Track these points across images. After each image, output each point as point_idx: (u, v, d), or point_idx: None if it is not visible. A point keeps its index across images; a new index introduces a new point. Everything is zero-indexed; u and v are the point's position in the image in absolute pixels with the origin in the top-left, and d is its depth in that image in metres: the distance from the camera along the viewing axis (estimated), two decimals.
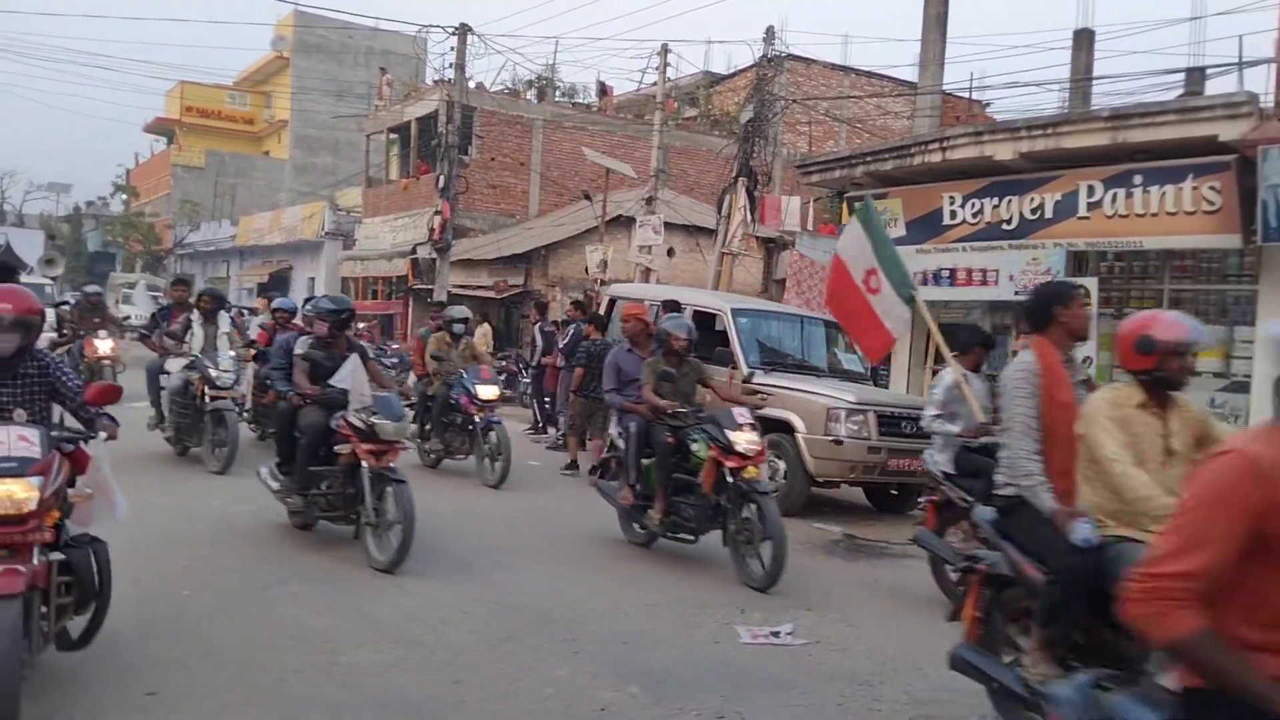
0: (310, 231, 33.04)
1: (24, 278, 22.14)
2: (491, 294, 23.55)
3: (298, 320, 10.92)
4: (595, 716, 4.17)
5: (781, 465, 9.42)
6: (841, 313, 8.79)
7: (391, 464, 6.29)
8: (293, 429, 6.83)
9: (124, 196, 53.75)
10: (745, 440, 6.61)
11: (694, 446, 6.89)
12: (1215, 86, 16.26)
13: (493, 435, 9.75)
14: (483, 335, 19.21)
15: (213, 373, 9.43)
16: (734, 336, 10.24)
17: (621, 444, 7.36)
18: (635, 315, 8.26)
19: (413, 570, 6.24)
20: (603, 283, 18.59)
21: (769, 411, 9.66)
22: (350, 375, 6.37)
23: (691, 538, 7.07)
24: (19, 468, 3.70)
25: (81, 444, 4.20)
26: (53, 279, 24.22)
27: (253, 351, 10.97)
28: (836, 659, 5.19)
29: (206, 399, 9.42)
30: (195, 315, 10.05)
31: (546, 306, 16.34)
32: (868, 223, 8.31)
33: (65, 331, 13.29)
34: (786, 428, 9.43)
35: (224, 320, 10.28)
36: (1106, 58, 62.92)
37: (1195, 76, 16.30)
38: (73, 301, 16.24)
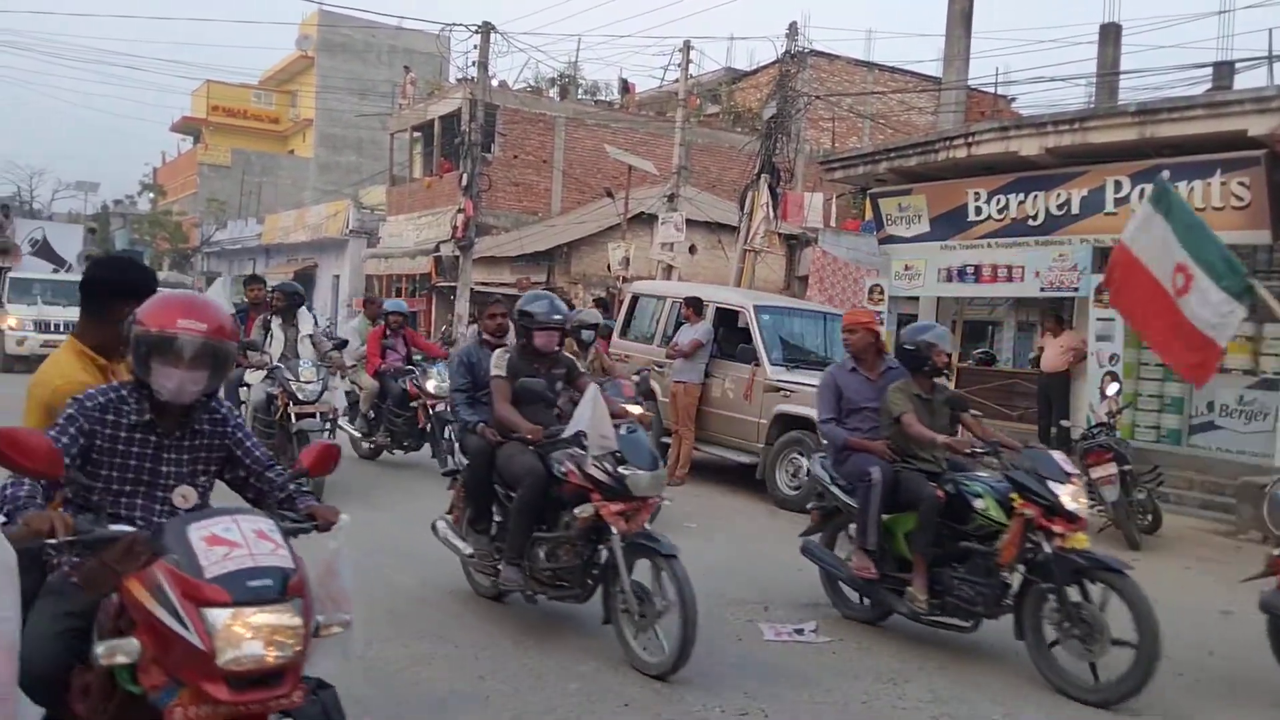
0: (335, 229, 33.27)
1: (61, 275, 21.00)
2: (514, 291, 23.61)
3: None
4: (619, 711, 4.19)
5: (805, 462, 9.41)
6: (1147, 328, 7.01)
7: (647, 527, 4.88)
8: (490, 474, 5.32)
9: (151, 195, 54.33)
10: (1076, 497, 4.95)
11: (978, 504, 5.17)
12: (1244, 81, 16.14)
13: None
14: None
15: (293, 385, 8.17)
16: (756, 334, 10.23)
17: (845, 497, 5.70)
18: (863, 324, 6.07)
19: (436, 565, 6.27)
20: (625, 280, 18.62)
21: (792, 408, 9.65)
22: (590, 413, 4.86)
23: (968, 624, 5.31)
24: (275, 587, 2.29)
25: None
26: None
27: (349, 358, 9.75)
28: (860, 657, 5.18)
29: (291, 417, 8.20)
30: (273, 317, 8.88)
31: (570, 305, 16.37)
32: (1167, 205, 6.62)
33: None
34: (810, 424, 9.40)
35: (305, 320, 9.03)
36: (1133, 52, 62.25)
37: (1223, 71, 16.14)
38: None
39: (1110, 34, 18.44)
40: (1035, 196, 11.99)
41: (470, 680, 4.43)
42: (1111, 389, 10.58)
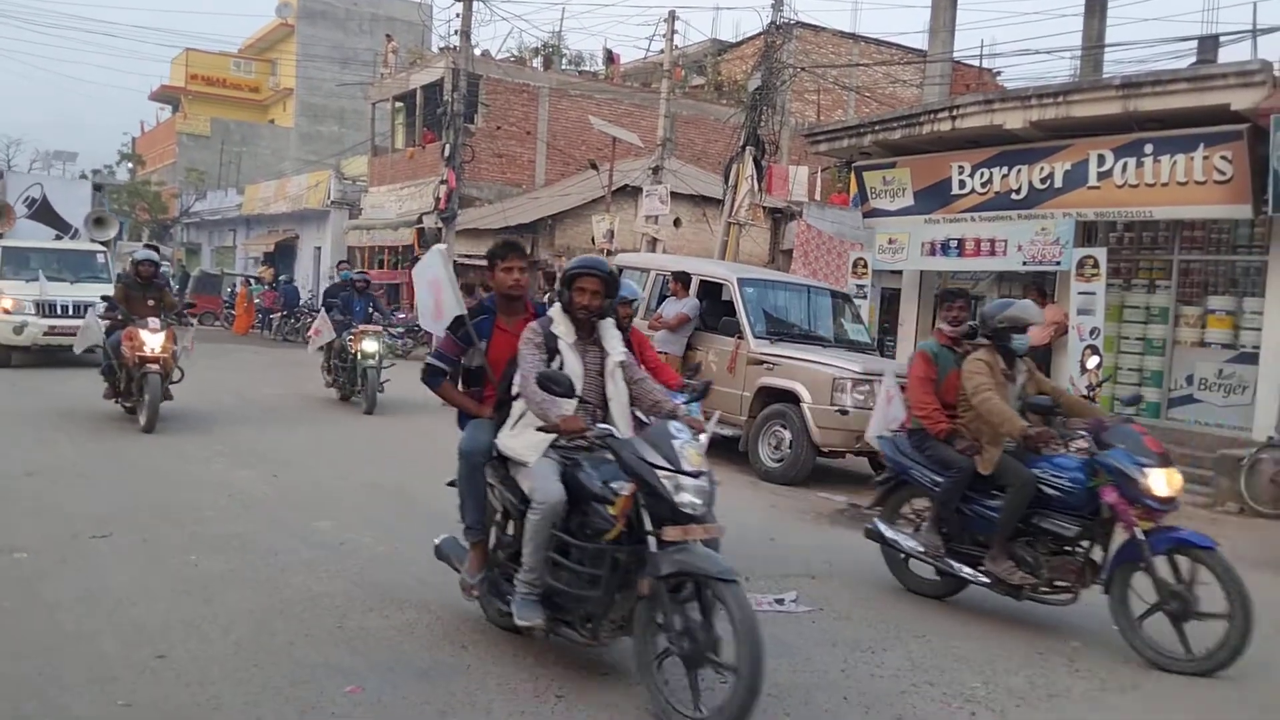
0: (316, 200, 32.97)
1: (66, 243, 17.38)
2: None
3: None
4: (600, 680, 4.21)
5: (787, 435, 9.45)
6: None
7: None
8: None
9: (130, 165, 53.67)
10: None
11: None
12: (1228, 54, 16.14)
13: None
14: None
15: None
16: (740, 306, 10.23)
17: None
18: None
19: (422, 536, 6.28)
20: (609, 252, 18.56)
21: (775, 381, 9.67)
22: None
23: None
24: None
25: None
26: (104, 244, 17.56)
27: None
28: (840, 626, 5.22)
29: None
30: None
31: (555, 277, 16.32)
32: None
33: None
34: (792, 398, 9.44)
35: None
36: (1119, 25, 62.25)
37: (1208, 44, 16.13)
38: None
39: (1096, 7, 18.38)
40: (1019, 170, 12.01)
41: (453, 650, 4.44)
42: (1092, 362, 10.67)
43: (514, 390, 4.28)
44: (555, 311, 4.38)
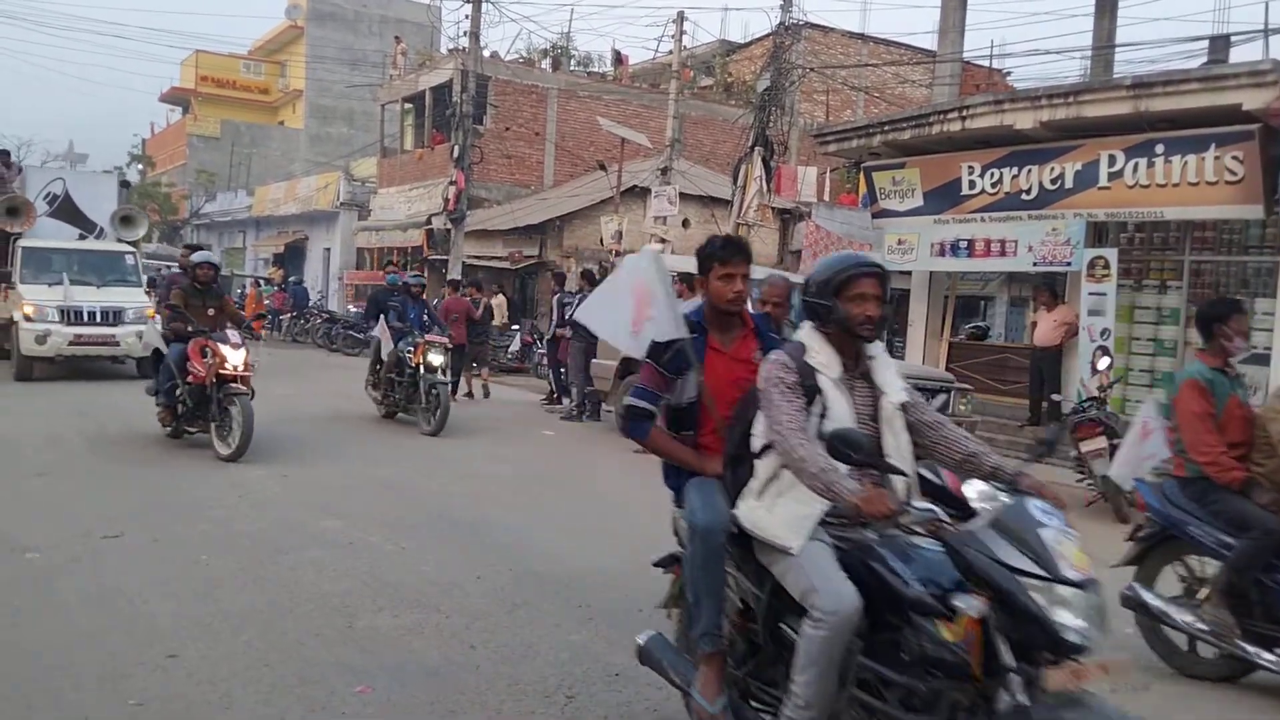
0: (325, 202, 33.06)
1: (91, 243, 15.68)
2: (506, 265, 23.55)
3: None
4: (610, 681, 4.21)
5: None
6: None
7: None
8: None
9: (140, 166, 53.89)
10: None
11: None
12: (1240, 54, 16.07)
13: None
14: (498, 306, 19.28)
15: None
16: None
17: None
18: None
19: (429, 536, 6.30)
20: (617, 253, 18.57)
21: None
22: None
23: None
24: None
25: None
26: (133, 244, 15.86)
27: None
28: None
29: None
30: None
31: (564, 278, 16.32)
32: None
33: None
34: None
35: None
36: (1129, 25, 62.02)
37: (1219, 44, 16.08)
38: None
39: (1106, 7, 18.33)
40: (1029, 170, 11.96)
41: (462, 649, 4.44)
42: (1103, 363, 10.61)
43: (756, 444, 3.15)
44: (808, 334, 3.15)
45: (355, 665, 4.17)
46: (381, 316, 11.63)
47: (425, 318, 11.80)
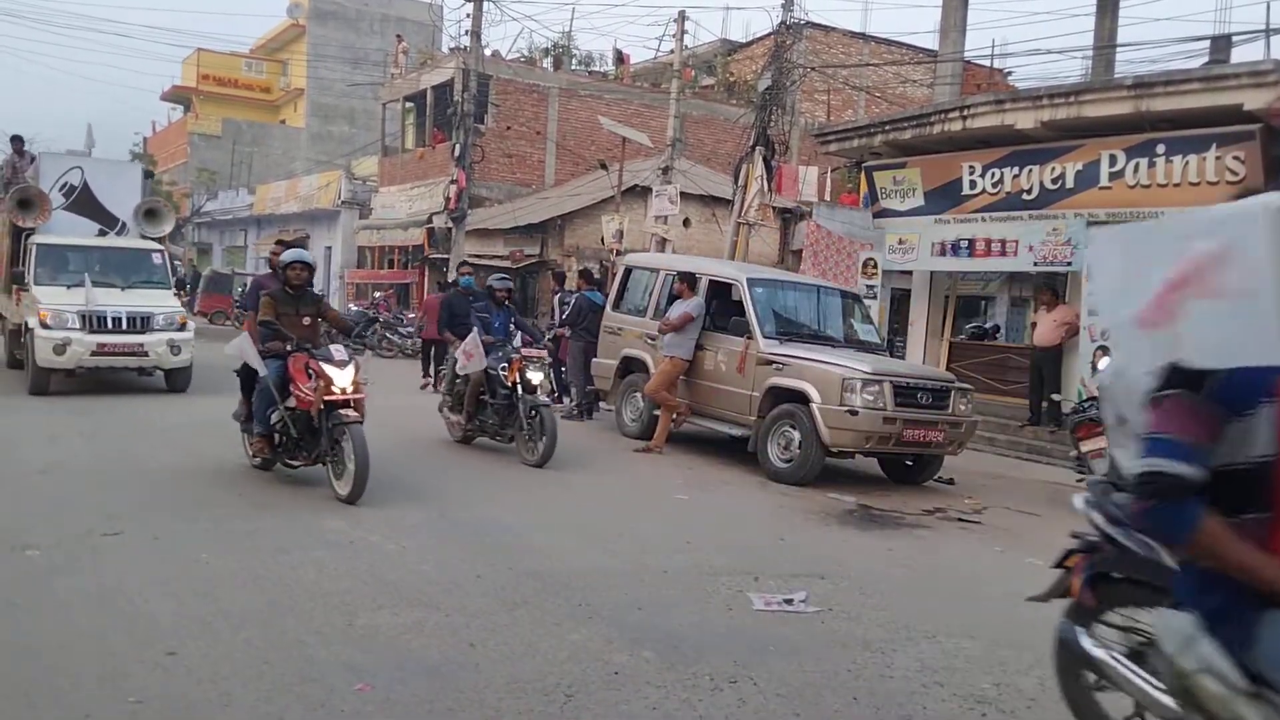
0: (327, 200, 33.09)
1: (113, 240, 13.90)
2: (507, 264, 23.57)
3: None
4: (609, 679, 4.21)
5: (796, 435, 9.44)
6: None
7: None
8: None
9: (141, 165, 53.92)
10: None
11: None
12: (1241, 54, 16.06)
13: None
14: None
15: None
16: (750, 307, 10.22)
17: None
18: None
19: (430, 536, 6.31)
20: (618, 253, 18.58)
21: (784, 381, 9.66)
22: None
23: None
24: None
25: None
26: (159, 241, 14.09)
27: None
28: (849, 627, 5.21)
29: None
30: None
31: (565, 277, 16.33)
32: None
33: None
34: (802, 398, 9.43)
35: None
36: (1130, 24, 62.01)
37: (1220, 44, 16.08)
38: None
39: (1107, 6, 18.33)
40: (1030, 170, 11.97)
41: (462, 648, 4.44)
42: (1103, 363, 10.61)
43: None
44: None
45: (355, 663, 4.17)
46: (475, 330, 9.66)
47: (513, 326, 10.31)
